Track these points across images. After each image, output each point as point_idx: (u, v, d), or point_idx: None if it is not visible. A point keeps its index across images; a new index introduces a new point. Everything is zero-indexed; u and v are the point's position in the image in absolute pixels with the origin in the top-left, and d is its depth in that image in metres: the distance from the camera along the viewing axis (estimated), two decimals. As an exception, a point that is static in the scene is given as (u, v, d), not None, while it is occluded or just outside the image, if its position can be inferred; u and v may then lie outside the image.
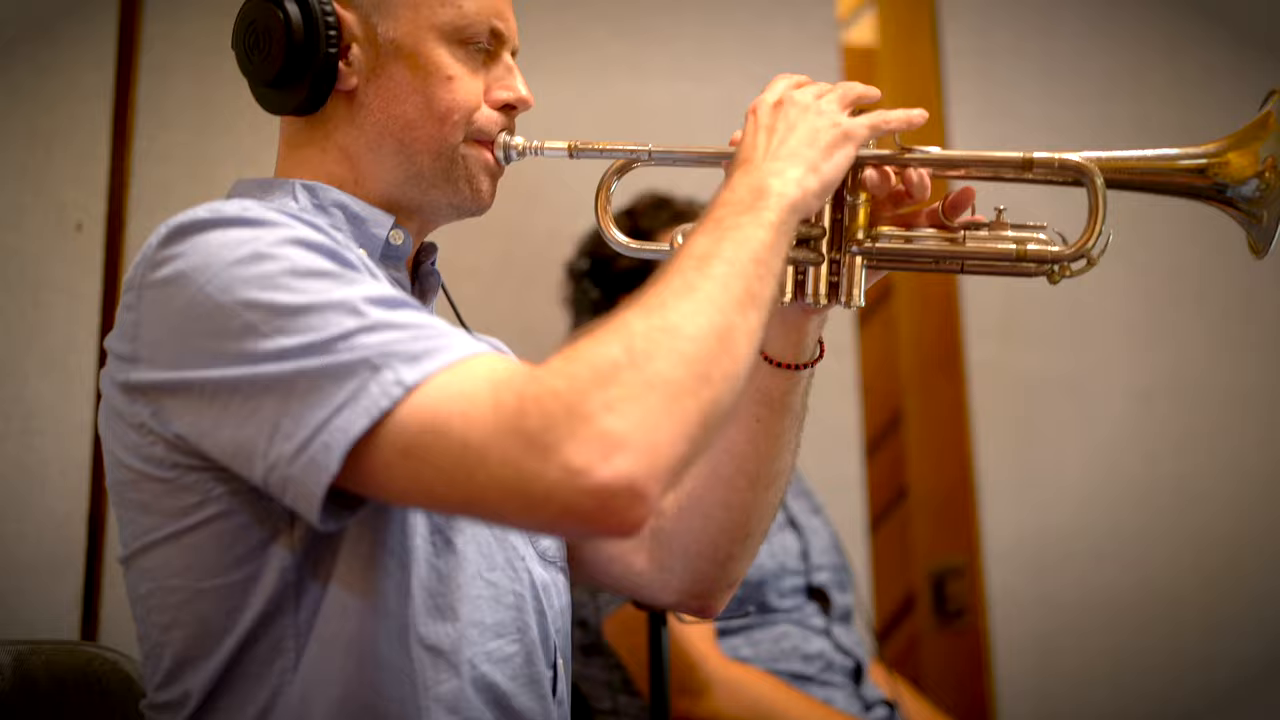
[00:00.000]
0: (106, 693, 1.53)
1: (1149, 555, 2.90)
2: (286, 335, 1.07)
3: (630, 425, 0.98)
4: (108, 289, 2.19)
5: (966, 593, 2.92)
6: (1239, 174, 1.20)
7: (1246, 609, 2.87)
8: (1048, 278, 1.25)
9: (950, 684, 2.89)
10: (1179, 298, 3.04)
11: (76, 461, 2.11)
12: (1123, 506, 2.94)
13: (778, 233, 1.15)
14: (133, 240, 2.23)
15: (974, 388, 2.97)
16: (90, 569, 2.08)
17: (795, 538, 2.20)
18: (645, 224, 2.33)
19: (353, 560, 1.16)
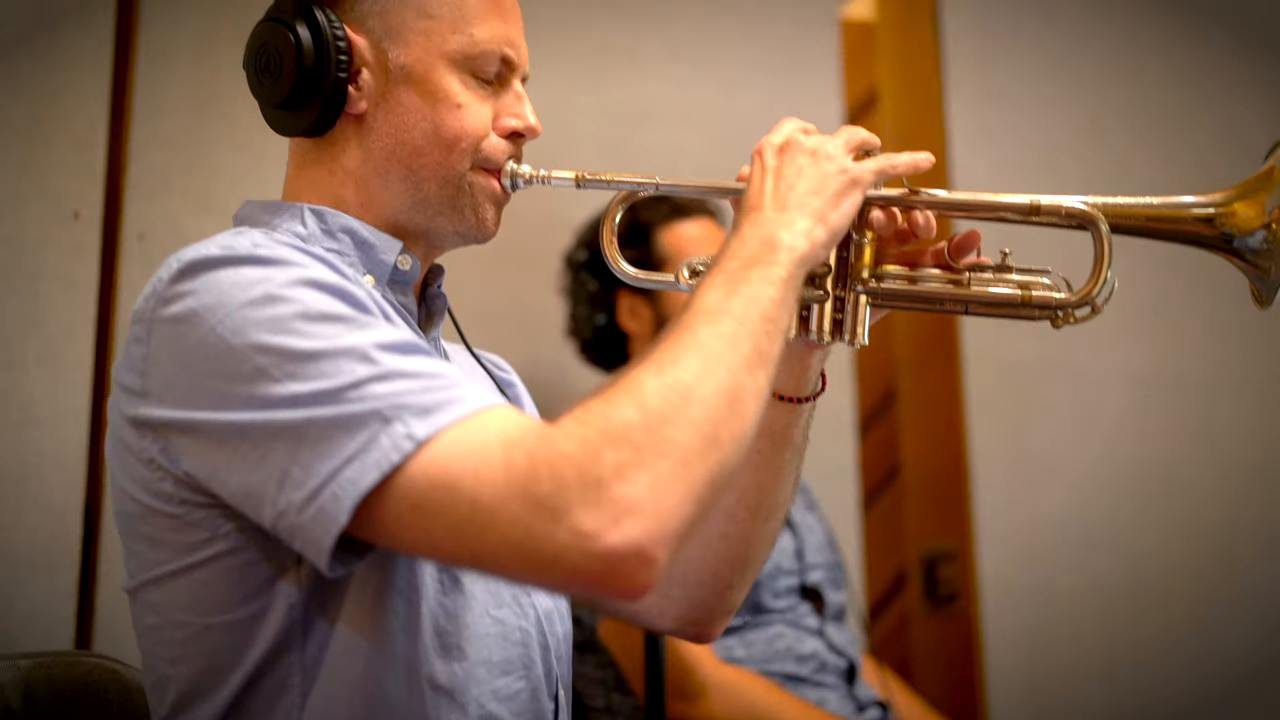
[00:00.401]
0: (106, 704, 1.53)
1: (1141, 543, 2.93)
2: (298, 381, 1.07)
3: (640, 491, 1.00)
4: (105, 277, 2.18)
5: (958, 578, 2.95)
6: (1246, 225, 1.20)
7: (1237, 598, 2.90)
8: (1051, 322, 1.25)
9: (940, 670, 2.92)
10: (1174, 286, 3.05)
11: (73, 452, 2.11)
12: (1115, 494, 2.96)
13: (786, 288, 1.15)
14: (130, 227, 2.22)
15: (969, 372, 2.98)
16: (86, 560, 2.09)
17: (790, 537, 2.21)
18: (645, 217, 2.33)
19: (360, 599, 1.17)
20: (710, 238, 2.37)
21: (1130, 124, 3.13)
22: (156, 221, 2.25)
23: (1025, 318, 1.26)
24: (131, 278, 2.20)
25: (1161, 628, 2.87)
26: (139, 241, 2.23)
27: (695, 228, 2.36)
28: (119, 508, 1.22)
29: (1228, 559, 2.93)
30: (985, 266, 1.28)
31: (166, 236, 2.26)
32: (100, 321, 2.16)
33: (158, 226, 2.25)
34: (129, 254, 2.21)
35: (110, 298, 2.18)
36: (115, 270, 2.19)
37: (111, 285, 2.18)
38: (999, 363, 3.01)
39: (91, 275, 2.16)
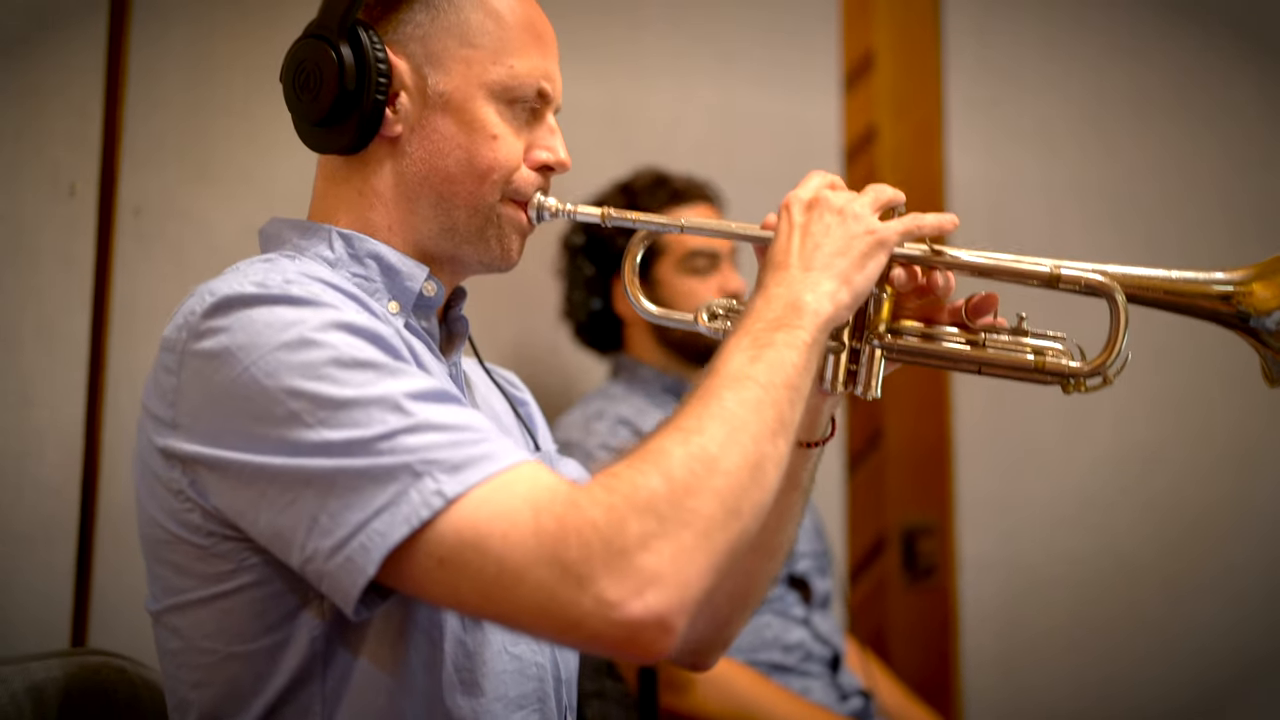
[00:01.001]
0: (114, 703, 1.55)
1: (1115, 521, 2.98)
2: (329, 428, 1.08)
3: (663, 562, 1.02)
4: (101, 253, 2.17)
5: (936, 552, 3.00)
6: (1263, 306, 1.22)
7: (1208, 576, 2.96)
8: (1062, 388, 1.27)
9: (916, 642, 2.98)
10: (1156, 263, 3.06)
11: (70, 429, 2.11)
12: (1092, 473, 3.01)
13: (810, 353, 1.17)
14: (125, 201, 2.19)
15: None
16: (83, 539, 2.09)
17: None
18: (644, 203, 2.33)
19: (383, 633, 1.20)
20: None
21: (1125, 101, 3.13)
22: (152, 194, 2.23)
23: (1037, 382, 1.27)
24: (127, 253, 2.19)
25: (1132, 604, 2.94)
26: (134, 216, 2.21)
27: (693, 214, 2.36)
28: (145, 531, 1.24)
29: (1200, 537, 2.99)
30: (1001, 329, 1.29)
31: (162, 210, 2.24)
32: (96, 298, 2.15)
33: (153, 199, 2.23)
34: (124, 229, 2.19)
35: (106, 274, 2.17)
36: (111, 246, 2.17)
37: (107, 261, 2.17)
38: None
39: (88, 251, 2.15)
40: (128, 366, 2.17)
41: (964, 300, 1.32)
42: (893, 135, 3.17)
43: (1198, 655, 2.92)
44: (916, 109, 3.16)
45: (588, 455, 2.15)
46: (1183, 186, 3.08)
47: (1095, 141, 3.12)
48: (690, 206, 2.36)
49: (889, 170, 3.15)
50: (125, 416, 2.15)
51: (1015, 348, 1.29)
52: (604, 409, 2.27)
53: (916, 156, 3.16)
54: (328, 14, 1.30)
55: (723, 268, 2.35)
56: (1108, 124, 3.10)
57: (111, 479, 2.12)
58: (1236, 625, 2.91)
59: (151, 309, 2.21)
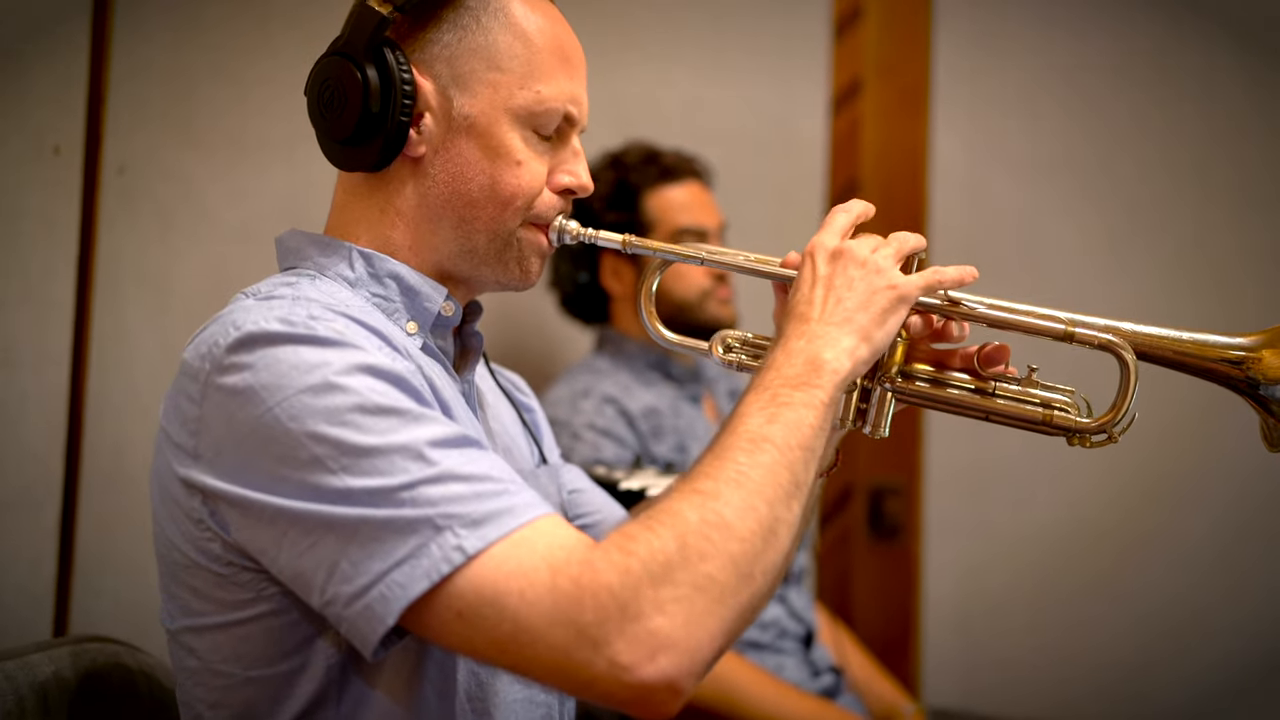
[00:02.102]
0: (110, 691, 1.56)
1: (1079, 486, 3.04)
2: (353, 475, 1.10)
3: (676, 627, 1.05)
4: (85, 214, 2.13)
5: (902, 513, 3.06)
6: (1273, 374, 1.24)
7: (1167, 540, 3.03)
8: (1066, 440, 1.29)
9: (879, 598, 3.05)
10: (1129, 237, 3.11)
11: (54, 393, 2.09)
12: (1056, 442, 3.06)
13: (826, 412, 1.18)
14: (110, 160, 2.16)
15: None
16: (67, 503, 2.09)
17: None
18: (635, 179, 2.32)
19: (398, 663, 1.22)
20: (698, 201, 2.37)
21: (1107, 71, 3.13)
22: (137, 155, 2.19)
23: (1043, 434, 1.30)
24: (111, 212, 2.16)
25: (1091, 568, 3.01)
26: (119, 175, 2.18)
27: (683, 192, 2.36)
28: (162, 551, 1.25)
29: (1158, 503, 3.06)
30: (1011, 378, 1.32)
31: (148, 171, 2.21)
32: (81, 259, 2.12)
33: (139, 160, 2.20)
34: (109, 188, 2.16)
35: (91, 235, 2.14)
36: (95, 207, 2.14)
37: (92, 222, 2.14)
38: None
39: (72, 213, 2.12)
40: (112, 328, 2.15)
41: (977, 347, 1.33)
42: (878, 93, 3.16)
43: (1152, 617, 3.01)
44: (902, 70, 3.15)
45: (574, 435, 2.17)
46: (1160, 158, 3.10)
47: (1077, 105, 3.13)
48: (680, 185, 2.35)
49: (872, 127, 3.14)
50: (110, 379, 2.14)
51: (1024, 398, 1.31)
52: (590, 386, 2.28)
53: (901, 115, 3.16)
54: (355, 33, 1.28)
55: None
56: (1090, 94, 3.11)
57: (96, 442, 2.12)
58: (1190, 588, 2.99)
59: (137, 271, 2.20)
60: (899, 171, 3.16)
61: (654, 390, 2.32)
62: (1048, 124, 3.11)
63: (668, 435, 2.26)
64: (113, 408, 2.15)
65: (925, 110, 3.15)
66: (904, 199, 3.16)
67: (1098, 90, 3.10)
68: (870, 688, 2.31)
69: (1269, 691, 2.88)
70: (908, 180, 3.16)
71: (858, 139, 3.15)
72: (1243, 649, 2.93)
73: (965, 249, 3.10)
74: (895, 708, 2.26)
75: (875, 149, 3.15)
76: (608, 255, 2.38)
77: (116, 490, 2.15)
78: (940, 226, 3.10)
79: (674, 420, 2.29)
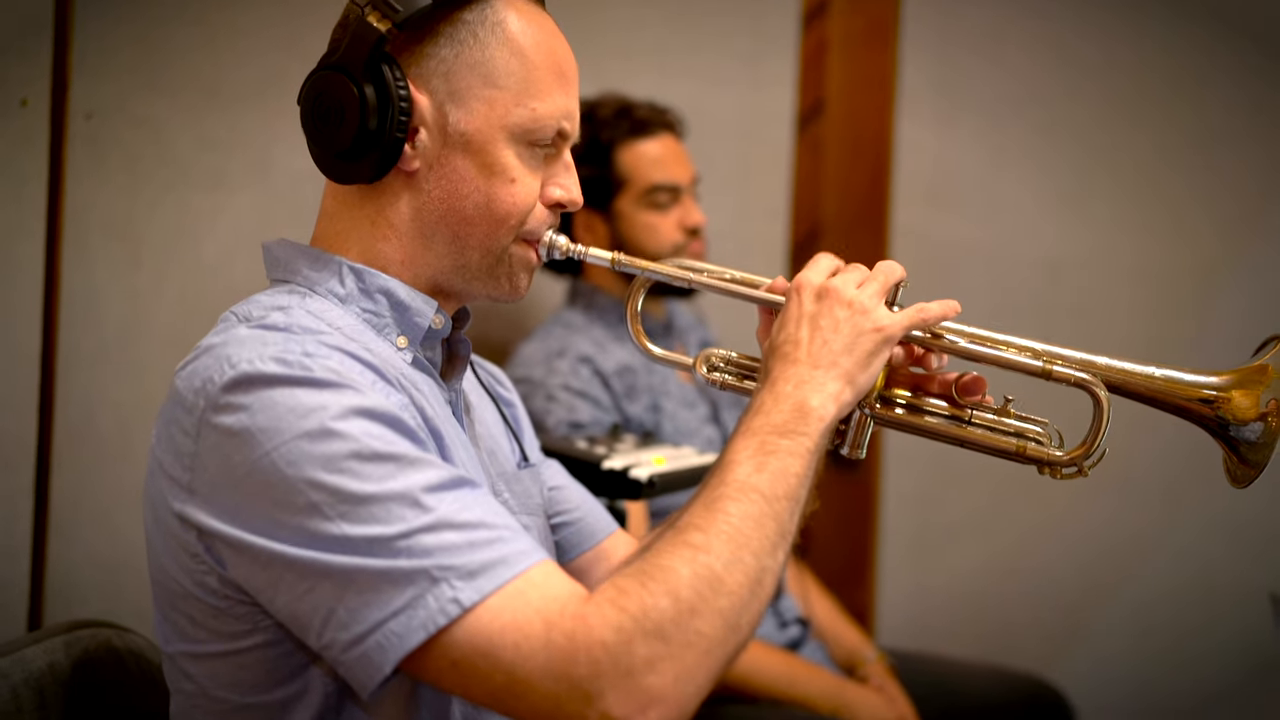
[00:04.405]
0: (101, 675, 1.58)
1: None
2: (349, 523, 1.12)
3: (666, 683, 1.09)
4: (54, 165, 2.10)
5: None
6: (1243, 415, 1.27)
7: (1116, 474, 3.12)
8: (1038, 470, 1.34)
9: (839, 525, 3.13)
10: (1091, 175, 3.14)
11: (27, 354, 2.08)
12: (1008, 376, 3.12)
13: (811, 459, 1.22)
14: (76, 106, 2.12)
15: (895, 252, 3.07)
16: (41, 462, 2.10)
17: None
18: (606, 135, 2.31)
19: (395, 693, 1.24)
20: (671, 154, 2.37)
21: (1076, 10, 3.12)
22: (105, 101, 2.16)
23: (1016, 463, 1.34)
24: (78, 161, 2.13)
25: (1039, 498, 3.08)
26: (86, 121, 2.14)
27: (656, 145, 2.35)
28: (157, 577, 1.26)
29: (1110, 441, 3.13)
30: (987, 407, 1.35)
31: (115, 117, 2.17)
32: (50, 213, 2.10)
33: (106, 107, 2.16)
34: (76, 136, 2.13)
35: (59, 188, 2.11)
36: (63, 156, 2.11)
37: (60, 174, 2.10)
38: (925, 244, 3.10)
39: (41, 167, 2.08)
40: (82, 284, 2.14)
41: (955, 375, 1.36)
42: (845, 17, 3.13)
43: (1098, 546, 3.11)
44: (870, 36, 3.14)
45: (549, 396, 2.19)
46: (1124, 97, 3.11)
47: (1043, 49, 3.12)
48: (653, 139, 2.34)
49: (839, 52, 3.12)
50: (79, 335, 2.13)
51: (999, 428, 1.34)
52: (565, 345, 2.29)
53: (868, 44, 3.14)
54: (353, 48, 1.26)
55: (683, 200, 2.36)
56: (1056, 32, 3.11)
57: (68, 400, 2.12)
58: (1129, 514, 3.09)
59: (106, 224, 2.17)
60: (865, 99, 3.15)
61: (627, 346, 2.34)
62: (1013, 60, 3.11)
63: (641, 394, 2.29)
64: (82, 364, 2.15)
65: (894, 41, 3.14)
66: (871, 127, 3.16)
67: (1064, 28, 3.10)
68: (835, 635, 2.38)
69: (1210, 629, 3.00)
70: (875, 109, 3.16)
71: (824, 62, 3.14)
72: (1186, 584, 3.04)
73: (930, 183, 3.12)
74: (859, 655, 2.34)
75: (841, 74, 3.13)
76: (581, 210, 2.37)
77: (90, 447, 2.16)
78: (906, 157, 3.12)
79: (647, 378, 2.32)
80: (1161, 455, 2.99)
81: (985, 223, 3.10)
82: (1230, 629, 2.94)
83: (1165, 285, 3.15)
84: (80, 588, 2.18)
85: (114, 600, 2.16)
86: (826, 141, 3.19)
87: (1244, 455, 1.29)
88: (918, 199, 3.11)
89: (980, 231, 3.09)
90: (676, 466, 1.83)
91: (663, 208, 2.34)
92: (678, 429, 2.31)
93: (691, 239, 2.35)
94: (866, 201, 3.15)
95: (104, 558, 2.17)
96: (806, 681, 2.17)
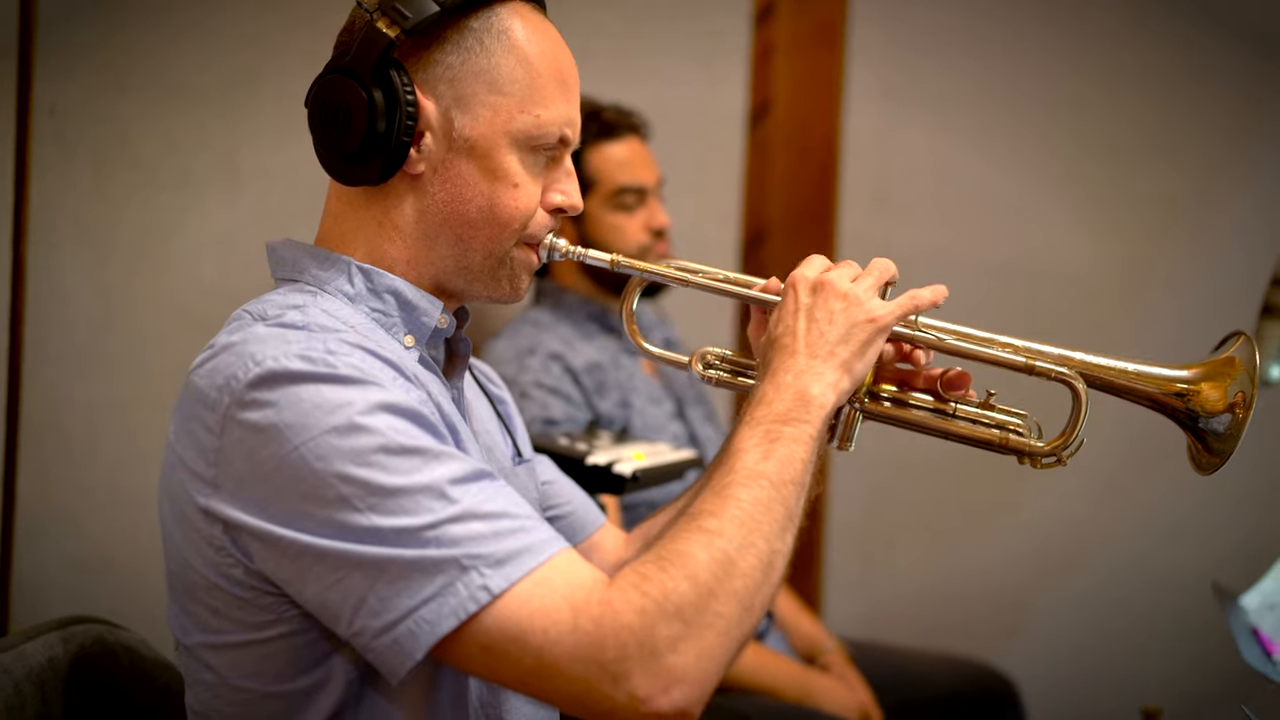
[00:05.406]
0: (96, 670, 1.59)
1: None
2: (379, 514, 1.15)
3: (689, 662, 1.14)
4: (19, 161, 2.09)
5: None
6: (1211, 407, 1.33)
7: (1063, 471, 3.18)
8: (1018, 460, 1.39)
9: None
10: (1046, 177, 3.20)
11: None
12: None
13: (814, 445, 1.27)
14: (40, 103, 2.11)
15: (842, 256, 3.11)
16: (9, 459, 2.09)
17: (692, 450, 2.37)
18: (574, 137, 2.34)
19: (415, 675, 1.25)
20: (637, 157, 2.40)
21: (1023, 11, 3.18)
22: (70, 99, 2.15)
23: (998, 454, 1.40)
24: (43, 159, 2.12)
25: (987, 494, 3.14)
26: (50, 117, 2.13)
27: (623, 148, 2.39)
28: (176, 569, 1.28)
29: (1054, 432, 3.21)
30: (970, 401, 1.40)
31: (80, 115, 2.17)
32: (16, 212, 2.09)
33: (72, 104, 2.15)
34: (41, 133, 2.12)
35: (24, 186, 2.10)
36: (28, 153, 2.10)
37: (25, 172, 2.09)
38: (872, 247, 3.14)
39: (6, 166, 2.07)
40: (48, 284, 2.13)
41: (940, 371, 1.42)
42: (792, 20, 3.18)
43: (1033, 532, 3.20)
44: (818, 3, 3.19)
45: (522, 393, 2.22)
46: (1071, 97, 3.16)
47: (991, 50, 3.18)
48: (620, 141, 2.38)
49: (785, 55, 3.18)
50: (46, 335, 2.13)
51: (982, 420, 1.40)
52: (535, 342, 2.32)
53: (815, 46, 3.19)
54: (362, 53, 1.29)
55: (649, 202, 2.40)
56: (1003, 33, 3.16)
57: (33, 399, 2.11)
58: (1071, 505, 3.16)
59: (72, 222, 2.17)
60: (812, 101, 3.20)
61: (595, 344, 2.38)
62: (961, 63, 3.16)
63: (611, 391, 2.33)
64: (48, 352, 2.14)
65: (841, 43, 3.19)
66: (818, 130, 3.21)
67: (1011, 30, 3.16)
68: (794, 626, 2.43)
69: (1151, 616, 3.09)
70: (822, 112, 3.21)
71: (770, 64, 3.19)
72: (1128, 574, 3.13)
73: (877, 186, 3.18)
74: (819, 645, 2.39)
75: (788, 76, 3.18)
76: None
77: (56, 447, 2.15)
78: (853, 160, 3.17)
79: (615, 374, 2.36)
80: (1103, 448, 3.04)
81: (932, 225, 3.16)
82: (1171, 616, 3.03)
83: (1111, 287, 3.21)
84: (46, 589, 2.18)
85: (82, 600, 2.15)
86: (773, 144, 3.25)
87: (1210, 445, 1.34)
88: (865, 201, 3.17)
89: (927, 234, 3.14)
90: (657, 461, 1.87)
91: (629, 209, 2.38)
92: (646, 425, 2.35)
93: (657, 240, 2.39)
94: (813, 204, 3.20)
95: (71, 558, 2.16)
96: (772, 671, 2.23)
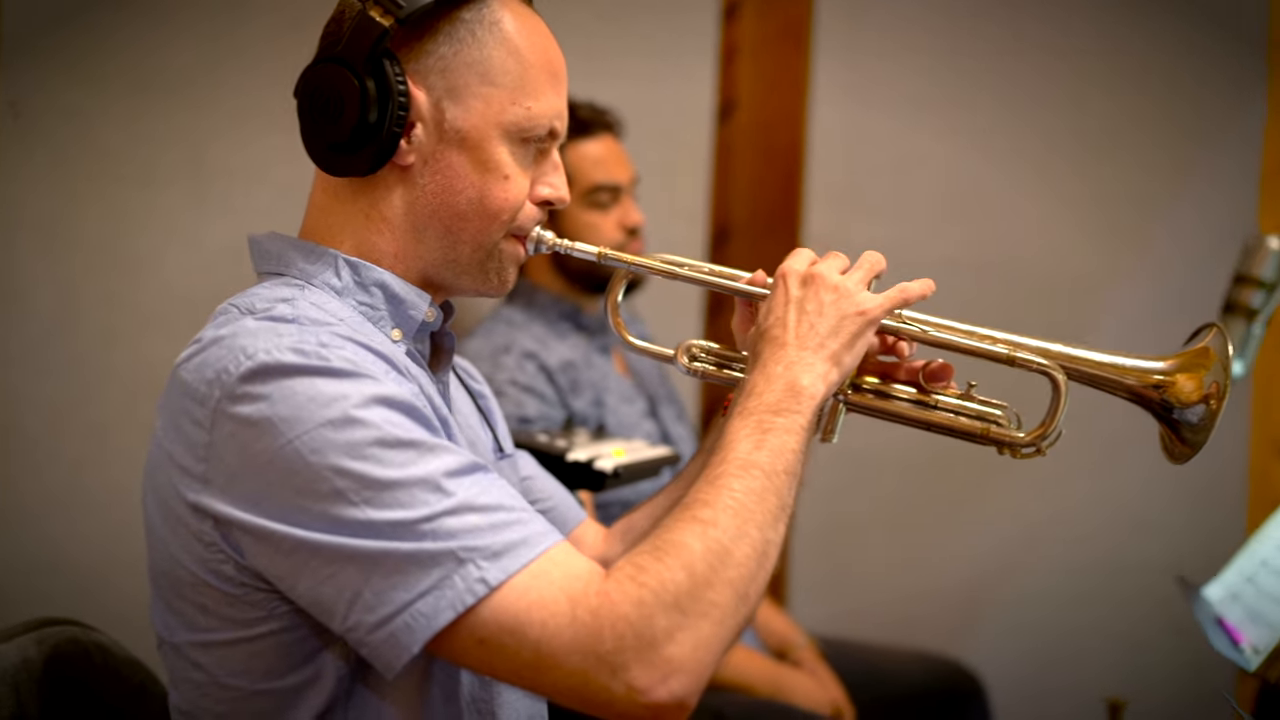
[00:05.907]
0: (70, 670, 1.56)
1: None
2: (374, 508, 1.14)
3: (685, 652, 1.14)
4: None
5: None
6: (1186, 398, 1.34)
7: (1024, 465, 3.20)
8: (997, 450, 1.40)
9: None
10: (1012, 174, 3.20)
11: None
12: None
13: (805, 435, 1.27)
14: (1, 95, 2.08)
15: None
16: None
17: (667, 449, 2.37)
18: (548, 135, 2.33)
19: (406, 670, 1.24)
20: (611, 155, 2.40)
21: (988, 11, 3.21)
22: (32, 91, 2.12)
23: (978, 444, 1.40)
24: (5, 153, 2.09)
25: (949, 490, 3.15)
26: (10, 108, 2.10)
27: (597, 146, 2.38)
28: (163, 566, 1.25)
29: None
30: (951, 393, 1.41)
31: (44, 109, 2.14)
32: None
33: (34, 97, 2.12)
34: (2, 127, 2.09)
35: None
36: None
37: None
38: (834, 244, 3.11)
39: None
40: (10, 279, 2.11)
41: (922, 363, 1.42)
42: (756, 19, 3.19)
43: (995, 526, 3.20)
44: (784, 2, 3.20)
45: (498, 391, 2.20)
46: (1036, 98, 3.18)
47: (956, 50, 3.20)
48: (594, 139, 2.37)
49: (749, 54, 3.19)
50: (7, 331, 2.10)
51: (962, 411, 1.40)
52: (510, 341, 2.31)
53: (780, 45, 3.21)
54: (355, 42, 1.28)
55: (623, 201, 2.39)
56: (968, 34, 3.18)
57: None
58: (1032, 500, 3.17)
59: (34, 216, 2.14)
60: (777, 101, 3.21)
61: (567, 342, 2.37)
62: (925, 63, 3.17)
63: (584, 389, 2.33)
64: (12, 361, 2.11)
65: (806, 44, 3.21)
66: (783, 129, 3.22)
67: (974, 32, 3.17)
68: (765, 622, 2.44)
69: (1114, 609, 3.12)
70: (786, 111, 3.22)
71: (735, 64, 3.19)
72: (1089, 567, 3.15)
73: (841, 186, 3.19)
74: (790, 641, 2.40)
75: (753, 76, 3.19)
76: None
77: (18, 446, 2.12)
78: (817, 159, 3.18)
79: (588, 373, 2.35)
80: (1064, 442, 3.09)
81: (898, 223, 3.17)
82: (1135, 610, 3.05)
83: (1075, 283, 3.22)
84: (7, 589, 2.15)
85: (44, 601, 2.11)
86: (739, 142, 3.26)
87: (1184, 436, 1.35)
88: (830, 199, 3.18)
89: (893, 231, 3.15)
90: (636, 458, 1.87)
91: (603, 207, 2.37)
92: (620, 423, 2.34)
93: (631, 238, 2.39)
94: (779, 202, 3.21)
95: (33, 560, 2.13)
96: (745, 666, 2.23)
